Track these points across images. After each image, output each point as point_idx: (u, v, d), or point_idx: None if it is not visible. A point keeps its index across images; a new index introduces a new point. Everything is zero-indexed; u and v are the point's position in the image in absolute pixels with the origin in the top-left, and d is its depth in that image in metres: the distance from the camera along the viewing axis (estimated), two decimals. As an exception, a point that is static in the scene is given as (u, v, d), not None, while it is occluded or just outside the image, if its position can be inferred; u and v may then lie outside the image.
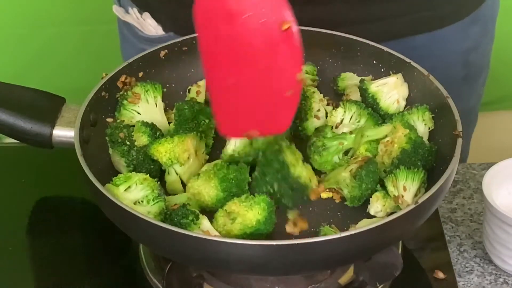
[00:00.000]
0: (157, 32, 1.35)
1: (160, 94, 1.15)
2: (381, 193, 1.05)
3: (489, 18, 1.40)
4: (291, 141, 1.09)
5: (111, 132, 1.09)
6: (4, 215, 1.23)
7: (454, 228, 1.19)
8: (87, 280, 1.13)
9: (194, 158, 1.09)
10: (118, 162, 1.09)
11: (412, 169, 1.05)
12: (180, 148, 1.07)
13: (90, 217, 1.18)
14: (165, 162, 1.07)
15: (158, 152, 1.07)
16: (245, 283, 1.07)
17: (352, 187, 1.06)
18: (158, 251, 1.08)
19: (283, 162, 1.04)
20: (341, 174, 1.07)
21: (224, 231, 1.01)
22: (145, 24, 1.35)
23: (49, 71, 2.23)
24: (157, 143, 1.07)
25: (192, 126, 1.10)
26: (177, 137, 1.07)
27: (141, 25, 1.36)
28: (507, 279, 1.12)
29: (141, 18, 1.35)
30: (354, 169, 1.06)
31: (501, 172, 1.14)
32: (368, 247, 0.98)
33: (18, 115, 1.10)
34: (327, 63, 1.21)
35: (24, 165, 1.30)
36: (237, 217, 1.00)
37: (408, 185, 1.04)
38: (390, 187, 1.06)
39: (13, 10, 2.19)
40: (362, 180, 1.05)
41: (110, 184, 1.03)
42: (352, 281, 1.07)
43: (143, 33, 1.37)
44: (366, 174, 1.05)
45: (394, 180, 1.05)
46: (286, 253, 0.94)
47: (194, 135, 1.09)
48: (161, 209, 1.03)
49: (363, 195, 1.06)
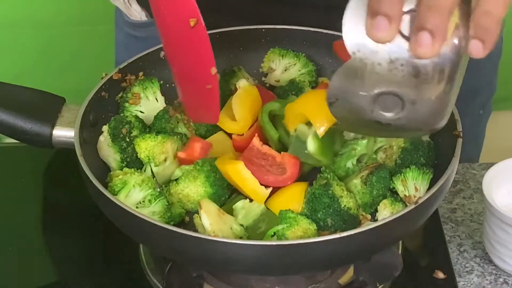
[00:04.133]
0: (141, 17, 1.37)
1: (158, 88, 1.16)
2: (389, 200, 1.04)
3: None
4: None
5: (115, 125, 1.08)
6: (4, 215, 1.23)
7: (454, 228, 1.19)
8: (87, 280, 1.13)
9: (172, 161, 1.08)
10: (109, 155, 1.08)
11: (421, 168, 1.05)
12: (159, 149, 1.06)
13: (90, 217, 1.18)
14: (143, 158, 1.07)
15: (139, 146, 1.07)
16: (245, 283, 1.07)
17: (363, 193, 1.05)
18: (158, 251, 1.08)
19: (333, 196, 1.02)
20: (352, 181, 1.06)
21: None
22: (131, 9, 1.37)
23: (49, 71, 2.23)
24: (141, 137, 1.07)
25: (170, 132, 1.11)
26: (161, 137, 1.07)
27: (128, 10, 1.38)
28: (507, 279, 1.12)
29: (127, 3, 1.37)
30: (365, 176, 1.05)
31: (501, 172, 1.14)
32: (368, 247, 0.98)
33: (18, 115, 1.10)
34: (327, 63, 1.21)
35: (24, 165, 1.30)
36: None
37: (419, 185, 1.04)
38: (399, 186, 1.05)
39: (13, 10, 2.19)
40: (373, 186, 1.04)
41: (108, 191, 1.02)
42: (352, 281, 1.07)
43: (129, 18, 1.39)
44: (376, 180, 1.04)
45: (403, 179, 1.05)
46: (286, 253, 0.94)
47: (177, 139, 1.09)
48: (164, 207, 1.03)
49: (375, 201, 1.05)
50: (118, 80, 1.14)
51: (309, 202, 1.03)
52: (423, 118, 0.91)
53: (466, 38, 0.86)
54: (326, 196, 1.02)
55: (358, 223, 1.03)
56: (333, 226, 1.02)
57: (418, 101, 0.89)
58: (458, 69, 0.88)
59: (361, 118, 0.91)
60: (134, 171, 1.05)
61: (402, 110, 0.90)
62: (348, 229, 0.94)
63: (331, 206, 1.02)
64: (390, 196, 1.05)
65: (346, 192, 1.03)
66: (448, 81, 0.88)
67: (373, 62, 0.87)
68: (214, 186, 1.05)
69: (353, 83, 0.89)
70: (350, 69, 0.88)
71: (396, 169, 1.07)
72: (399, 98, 0.89)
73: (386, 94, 0.89)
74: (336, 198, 1.02)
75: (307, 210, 1.02)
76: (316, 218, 1.02)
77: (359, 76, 0.88)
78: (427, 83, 0.87)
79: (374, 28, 0.83)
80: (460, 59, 0.87)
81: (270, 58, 1.21)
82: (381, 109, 0.90)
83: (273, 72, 1.21)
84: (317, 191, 1.02)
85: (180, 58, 1.05)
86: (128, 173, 1.04)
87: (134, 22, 1.39)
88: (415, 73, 0.86)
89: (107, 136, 1.07)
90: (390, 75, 0.87)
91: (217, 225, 1.00)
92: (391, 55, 0.86)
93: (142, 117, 1.13)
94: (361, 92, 0.89)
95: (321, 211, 1.02)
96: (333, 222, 1.02)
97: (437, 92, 0.88)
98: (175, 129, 1.12)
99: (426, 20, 0.81)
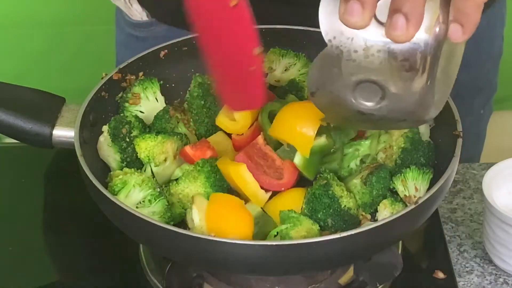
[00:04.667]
0: (142, 17, 1.37)
1: (158, 88, 1.16)
2: (389, 200, 1.04)
3: None
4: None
5: (115, 125, 1.08)
6: (4, 215, 1.23)
7: (454, 228, 1.19)
8: (87, 280, 1.13)
9: (172, 162, 1.08)
10: (109, 155, 1.08)
11: (421, 168, 1.05)
12: (159, 149, 1.06)
13: (90, 217, 1.18)
14: (143, 158, 1.07)
15: (139, 146, 1.07)
16: (245, 283, 1.07)
17: (362, 193, 1.05)
18: (158, 251, 1.08)
19: (333, 196, 1.02)
20: (352, 181, 1.06)
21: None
22: (131, 9, 1.37)
23: (49, 71, 2.23)
24: (141, 137, 1.07)
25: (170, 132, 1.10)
26: (161, 137, 1.07)
27: (129, 10, 1.38)
28: (507, 279, 1.12)
29: (128, 3, 1.37)
30: (365, 176, 1.05)
31: (501, 172, 1.14)
32: (368, 247, 0.98)
33: (18, 115, 1.10)
34: (327, 63, 1.21)
35: (24, 165, 1.30)
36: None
37: (419, 185, 1.04)
38: (399, 186, 1.05)
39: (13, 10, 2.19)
40: (373, 187, 1.04)
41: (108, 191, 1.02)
42: (352, 281, 1.07)
43: (130, 18, 1.39)
44: (376, 181, 1.04)
45: (403, 179, 1.05)
46: (286, 253, 0.94)
47: (177, 139, 1.09)
48: (165, 207, 1.03)
49: (375, 201, 1.05)
50: (118, 80, 1.14)
51: (309, 203, 1.02)
52: (406, 108, 0.90)
53: (446, 24, 0.84)
54: (326, 196, 1.02)
55: (358, 223, 1.03)
56: (333, 226, 1.02)
57: (399, 89, 0.87)
58: (438, 57, 0.86)
59: (343, 109, 0.90)
60: (134, 171, 1.05)
61: (383, 100, 0.89)
62: (348, 229, 0.94)
63: (331, 206, 1.01)
64: (390, 196, 1.05)
65: (346, 192, 1.03)
66: (429, 70, 0.86)
67: (349, 49, 0.85)
68: (214, 187, 1.04)
69: (331, 71, 0.88)
70: (327, 57, 0.87)
71: (396, 169, 1.07)
72: (378, 86, 0.88)
73: (365, 82, 0.88)
74: (336, 198, 1.02)
75: (307, 210, 1.02)
76: (317, 219, 1.02)
77: (336, 64, 0.87)
78: (406, 70, 0.86)
79: (347, 13, 0.81)
80: (440, 47, 0.85)
81: (270, 58, 1.21)
82: (362, 98, 0.89)
83: (273, 72, 1.21)
84: (317, 191, 1.02)
85: (220, 42, 1.00)
86: (128, 173, 1.04)
87: (135, 22, 1.38)
88: (392, 59, 0.85)
89: (107, 136, 1.07)
90: (367, 62, 0.86)
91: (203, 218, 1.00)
92: (366, 41, 0.84)
93: (142, 117, 1.13)
94: (340, 80, 0.88)
95: (322, 211, 1.01)
96: (334, 222, 1.02)
97: (418, 81, 0.87)
98: (175, 129, 1.12)
99: (401, 3, 0.80)
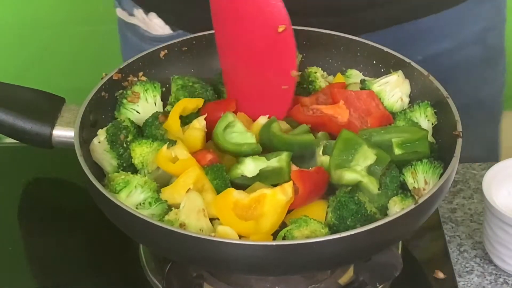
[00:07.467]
0: (164, 31, 1.36)
1: (159, 93, 1.15)
2: (398, 197, 1.03)
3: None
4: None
5: (114, 132, 1.07)
6: (4, 215, 1.23)
7: (454, 228, 1.19)
8: (87, 280, 1.13)
9: None
10: (104, 159, 1.07)
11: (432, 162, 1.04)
12: (153, 156, 1.06)
13: (90, 217, 1.18)
14: (136, 164, 1.06)
15: (134, 152, 1.06)
16: (245, 283, 1.07)
17: (378, 196, 1.03)
18: (158, 251, 1.08)
19: (359, 202, 1.00)
20: (367, 186, 1.04)
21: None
22: (151, 24, 1.36)
23: (49, 71, 2.23)
24: (137, 142, 1.07)
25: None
26: (157, 144, 1.06)
27: (147, 25, 1.37)
28: (507, 279, 1.12)
29: (147, 18, 1.36)
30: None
31: (501, 172, 1.14)
32: (368, 247, 0.98)
33: (18, 115, 1.10)
34: (327, 63, 1.21)
35: (24, 165, 1.30)
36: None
37: (429, 179, 1.04)
38: (409, 178, 1.04)
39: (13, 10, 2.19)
40: (388, 187, 1.04)
41: (109, 191, 1.02)
42: (352, 281, 1.07)
43: (150, 33, 1.37)
44: (390, 181, 1.04)
45: (414, 171, 1.04)
46: (286, 253, 0.94)
47: None
48: (164, 210, 1.02)
49: (388, 202, 1.04)
50: (118, 80, 1.14)
51: (336, 211, 1.00)
52: None
53: None
54: (352, 202, 1.00)
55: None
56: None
57: None
58: None
59: None
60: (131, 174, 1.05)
61: None
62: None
63: (359, 212, 1.00)
64: (400, 192, 1.05)
65: (367, 198, 1.02)
66: None
67: None
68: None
69: None
70: None
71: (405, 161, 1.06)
72: None
73: None
74: (363, 203, 1.00)
75: (335, 219, 1.00)
76: (346, 226, 0.99)
77: None
78: None
79: None
80: None
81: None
82: None
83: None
84: (343, 198, 1.00)
85: (263, 62, 1.10)
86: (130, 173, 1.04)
87: (157, 36, 1.36)
88: None
89: (104, 141, 1.06)
90: None
91: (189, 216, 0.99)
92: None
93: (137, 117, 1.12)
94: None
95: (350, 218, 0.99)
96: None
97: None
98: (165, 135, 1.10)
99: None
